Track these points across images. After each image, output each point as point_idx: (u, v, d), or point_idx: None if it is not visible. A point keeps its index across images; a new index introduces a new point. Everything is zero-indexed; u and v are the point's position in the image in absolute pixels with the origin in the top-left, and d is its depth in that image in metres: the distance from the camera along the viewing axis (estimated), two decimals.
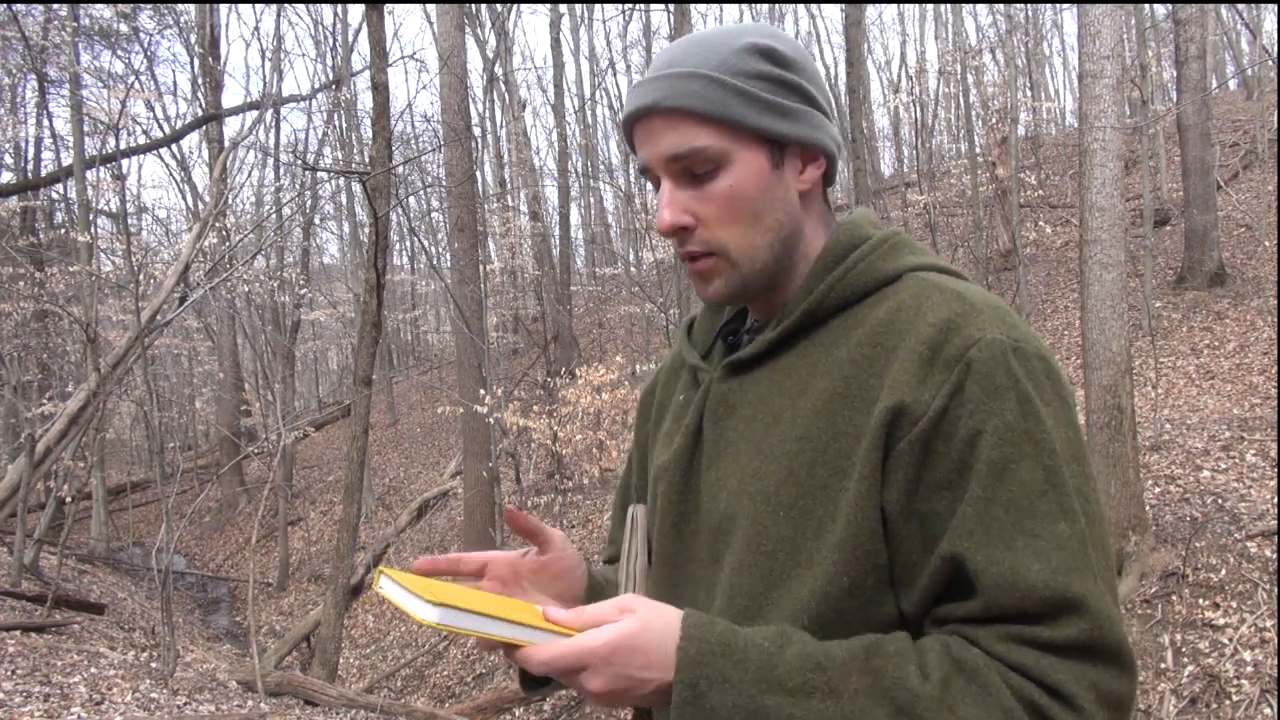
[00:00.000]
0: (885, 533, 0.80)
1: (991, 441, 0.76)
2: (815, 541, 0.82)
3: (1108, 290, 5.20)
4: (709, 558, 0.90)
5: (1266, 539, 5.00)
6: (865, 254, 0.90)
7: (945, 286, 0.85)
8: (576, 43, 22.20)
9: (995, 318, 0.81)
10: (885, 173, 21.88)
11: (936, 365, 0.79)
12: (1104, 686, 0.74)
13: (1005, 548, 0.75)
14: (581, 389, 8.88)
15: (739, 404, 0.92)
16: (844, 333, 0.87)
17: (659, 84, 0.88)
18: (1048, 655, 0.73)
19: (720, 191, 0.87)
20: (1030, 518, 0.75)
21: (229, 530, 16.30)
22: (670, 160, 0.88)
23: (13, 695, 5.05)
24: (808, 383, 0.87)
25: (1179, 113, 10.81)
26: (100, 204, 16.43)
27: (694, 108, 0.86)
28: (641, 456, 1.13)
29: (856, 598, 0.80)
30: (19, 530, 8.23)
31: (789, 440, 0.85)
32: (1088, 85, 5.31)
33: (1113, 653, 0.74)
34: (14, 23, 11.78)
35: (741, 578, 0.85)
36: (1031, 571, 0.74)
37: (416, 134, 22.22)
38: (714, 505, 0.90)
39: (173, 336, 18.82)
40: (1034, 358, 0.80)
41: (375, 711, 6.22)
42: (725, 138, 0.87)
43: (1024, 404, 0.78)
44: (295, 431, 13.11)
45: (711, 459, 0.92)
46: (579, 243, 23.89)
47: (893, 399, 0.79)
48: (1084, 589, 0.74)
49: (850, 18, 9.09)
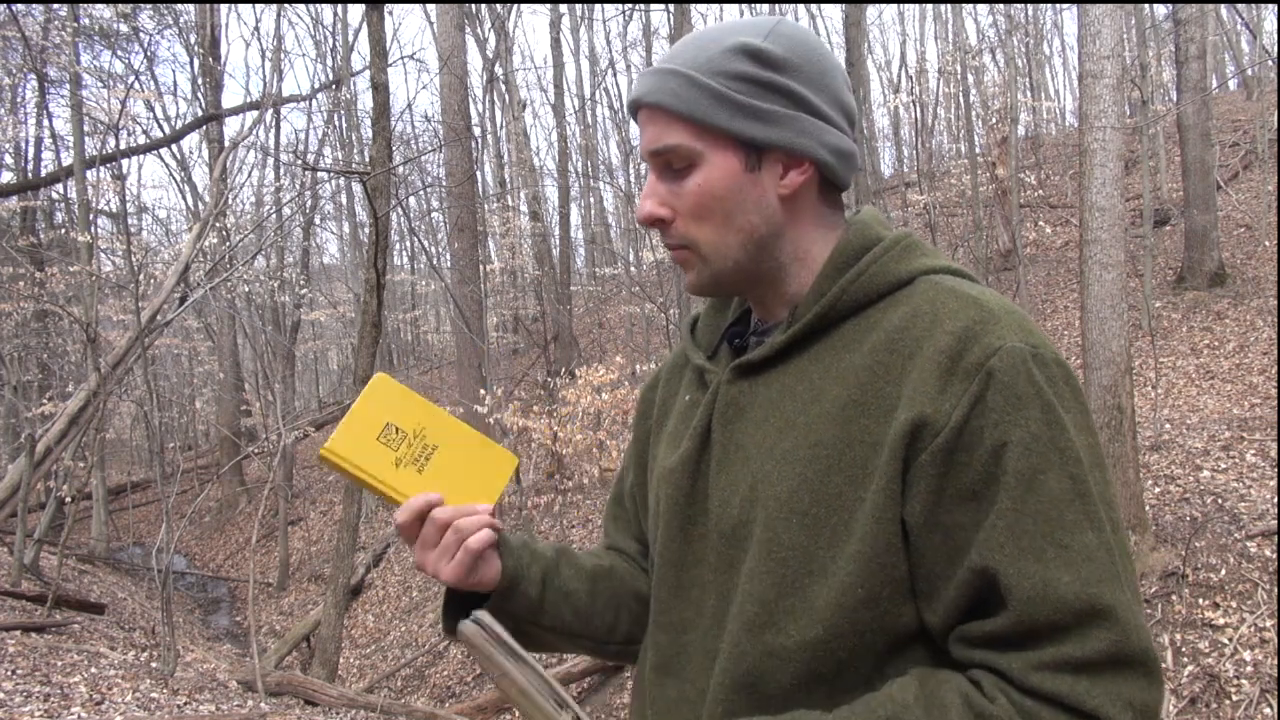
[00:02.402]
0: (906, 545, 0.80)
1: (1018, 452, 0.76)
2: (829, 551, 0.81)
3: (1108, 290, 5.20)
4: (720, 563, 0.89)
5: (1266, 539, 5.00)
6: (877, 256, 0.89)
7: (960, 291, 0.84)
8: (576, 43, 22.22)
9: (1013, 324, 0.81)
10: (885, 173, 21.86)
11: (956, 375, 0.78)
12: (1138, 700, 0.74)
13: (1036, 560, 0.75)
14: (581, 389, 8.88)
15: (749, 407, 0.91)
16: (857, 337, 0.86)
17: (648, 79, 0.90)
18: (1082, 679, 0.73)
19: (690, 190, 0.89)
20: (1060, 529, 0.75)
21: (229, 530, 16.29)
22: (651, 154, 0.90)
23: (13, 695, 5.04)
24: (821, 388, 0.86)
25: (1179, 113, 10.81)
26: (100, 204, 16.42)
27: (668, 105, 0.87)
28: (640, 455, 1.11)
29: (872, 609, 0.80)
30: (19, 530, 8.22)
31: (803, 446, 0.84)
32: (1088, 85, 5.31)
33: (1140, 661, 0.74)
34: (14, 23, 11.77)
35: (754, 584, 0.85)
36: (1062, 584, 0.74)
37: (416, 134, 22.23)
38: (725, 510, 0.89)
39: (173, 336, 18.81)
40: (1053, 364, 0.80)
41: (375, 711, 6.22)
42: (697, 137, 0.87)
43: (1047, 413, 0.77)
44: (295, 431, 13.10)
45: (721, 463, 0.91)
46: (579, 243, 23.92)
47: (913, 410, 0.79)
48: (1114, 599, 0.74)
49: (850, 18, 9.08)
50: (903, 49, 30.88)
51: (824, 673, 0.82)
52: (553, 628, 1.02)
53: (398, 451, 0.94)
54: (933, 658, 0.82)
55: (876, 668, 0.82)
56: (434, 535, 0.92)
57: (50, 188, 15.96)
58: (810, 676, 0.82)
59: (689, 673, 0.91)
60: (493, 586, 0.97)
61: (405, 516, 0.92)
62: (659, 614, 0.96)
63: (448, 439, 0.97)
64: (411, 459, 0.95)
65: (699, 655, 0.90)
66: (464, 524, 0.92)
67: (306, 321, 20.76)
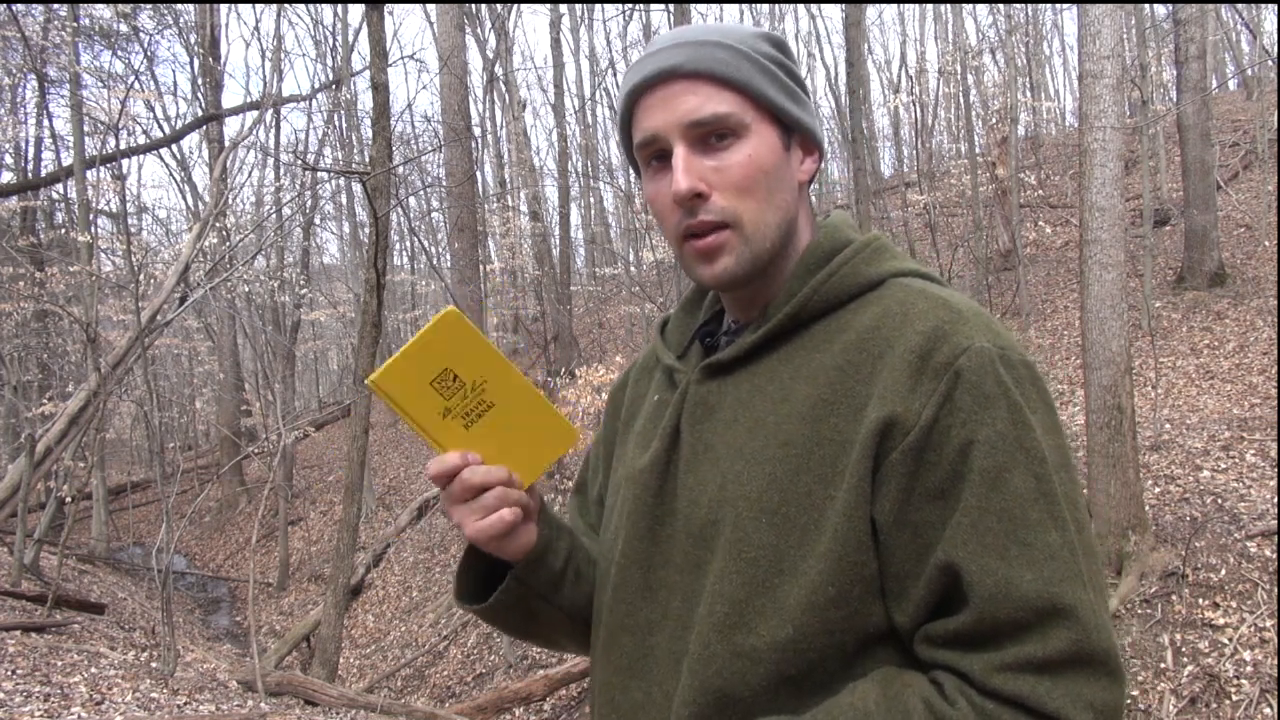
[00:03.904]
0: (875, 544, 0.80)
1: (984, 451, 0.77)
2: (799, 550, 0.81)
3: (1108, 290, 5.20)
4: (687, 564, 0.88)
5: (1266, 539, 5.00)
6: (848, 258, 0.89)
7: (930, 293, 0.85)
8: (576, 43, 22.23)
9: (981, 325, 0.81)
10: (885, 173, 21.85)
11: (926, 374, 0.79)
12: (1098, 701, 0.74)
13: (999, 557, 0.75)
14: (581, 389, 8.87)
15: (718, 407, 0.90)
16: (827, 338, 0.86)
17: (680, 50, 0.86)
18: (1043, 679, 0.74)
19: (739, 160, 0.86)
20: (1023, 527, 0.76)
21: (229, 530, 16.29)
22: (691, 125, 0.86)
23: (13, 695, 5.04)
24: (791, 388, 0.85)
25: (1179, 113, 10.81)
26: (100, 204, 16.42)
27: (720, 73, 0.86)
28: (607, 454, 1.10)
29: (843, 608, 0.80)
30: (19, 530, 8.22)
31: (772, 446, 0.84)
32: (1088, 85, 5.31)
33: (1100, 661, 0.75)
34: (14, 23, 11.77)
35: (723, 584, 0.84)
36: (1025, 582, 0.74)
37: (416, 134, 22.22)
38: (693, 510, 0.88)
39: (173, 336, 18.82)
40: (1019, 365, 0.80)
41: (375, 711, 6.22)
42: (747, 107, 0.87)
43: (1014, 412, 0.78)
44: (295, 431, 13.11)
45: (690, 463, 0.90)
46: (579, 243, 23.91)
47: (884, 409, 0.79)
48: (1075, 598, 0.75)
49: (850, 18, 9.08)
50: (903, 49, 30.86)
51: (793, 674, 0.81)
52: (564, 608, 1.00)
53: (449, 401, 0.86)
54: (900, 658, 0.82)
55: (844, 668, 0.81)
56: (462, 494, 0.88)
57: (50, 188, 15.96)
58: (779, 678, 0.81)
59: (655, 675, 0.89)
60: (515, 556, 0.94)
61: (436, 470, 0.88)
62: (625, 616, 0.93)
63: (507, 398, 0.88)
64: (462, 412, 0.87)
65: (665, 657, 0.89)
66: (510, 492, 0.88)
67: (306, 321, 20.76)
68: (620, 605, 0.94)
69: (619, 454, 1.05)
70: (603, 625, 0.97)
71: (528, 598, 0.97)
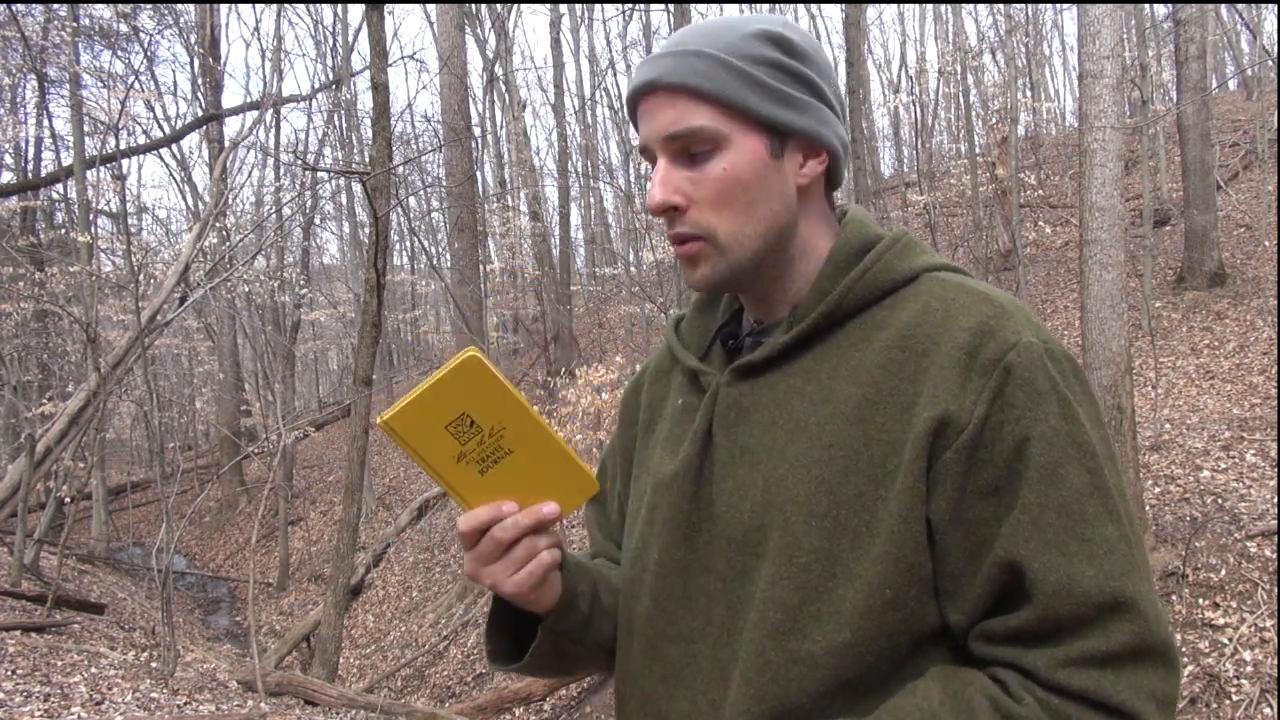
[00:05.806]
0: (930, 544, 0.79)
1: (1040, 447, 0.76)
2: (853, 553, 0.80)
3: (1108, 290, 5.20)
4: (730, 570, 0.86)
5: (1266, 539, 5.00)
6: (881, 254, 0.88)
7: (970, 287, 0.84)
8: (576, 43, 22.20)
9: (1024, 319, 0.81)
10: (885, 173, 21.86)
11: (975, 371, 0.78)
12: (1159, 691, 0.75)
13: (1060, 553, 0.75)
14: (581, 389, 8.87)
15: (753, 409, 0.88)
16: (865, 335, 0.85)
17: (663, 61, 0.86)
18: (1108, 673, 0.74)
19: (714, 174, 0.85)
20: (1081, 522, 0.76)
21: (229, 530, 16.29)
22: (668, 139, 0.86)
23: (13, 695, 5.05)
24: (831, 388, 0.84)
25: (1179, 113, 10.81)
26: (100, 204, 16.43)
27: (695, 86, 0.84)
28: (626, 462, 1.07)
29: (900, 610, 0.79)
30: (19, 530, 8.23)
31: (817, 448, 0.82)
32: (1088, 85, 5.31)
33: (1160, 652, 0.75)
34: (14, 23, 11.77)
35: (775, 590, 0.82)
36: (1086, 577, 0.75)
37: (416, 134, 22.23)
38: (735, 516, 0.86)
39: (173, 336, 18.82)
40: (1063, 358, 0.81)
41: (375, 711, 6.22)
42: (724, 119, 0.85)
43: (1064, 407, 0.78)
44: (295, 431, 13.11)
45: (727, 467, 0.88)
46: (579, 243, 23.91)
47: (936, 408, 0.78)
48: (1135, 591, 0.75)
49: (850, 18, 9.08)
50: (903, 49, 30.89)
51: (850, 678, 0.80)
52: (596, 643, 0.99)
53: (465, 446, 0.83)
54: (952, 656, 0.81)
55: (897, 669, 0.81)
56: (493, 552, 0.85)
57: (50, 188, 15.97)
58: (837, 683, 0.80)
59: (700, 684, 0.87)
60: (544, 608, 0.92)
61: (468, 527, 0.85)
62: (666, 624, 0.91)
63: (526, 445, 0.85)
64: (478, 458, 0.84)
65: (709, 666, 0.87)
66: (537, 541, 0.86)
67: (306, 321, 20.76)
68: (660, 614, 0.92)
69: (641, 460, 1.02)
70: (639, 635, 0.94)
71: (560, 644, 0.96)
